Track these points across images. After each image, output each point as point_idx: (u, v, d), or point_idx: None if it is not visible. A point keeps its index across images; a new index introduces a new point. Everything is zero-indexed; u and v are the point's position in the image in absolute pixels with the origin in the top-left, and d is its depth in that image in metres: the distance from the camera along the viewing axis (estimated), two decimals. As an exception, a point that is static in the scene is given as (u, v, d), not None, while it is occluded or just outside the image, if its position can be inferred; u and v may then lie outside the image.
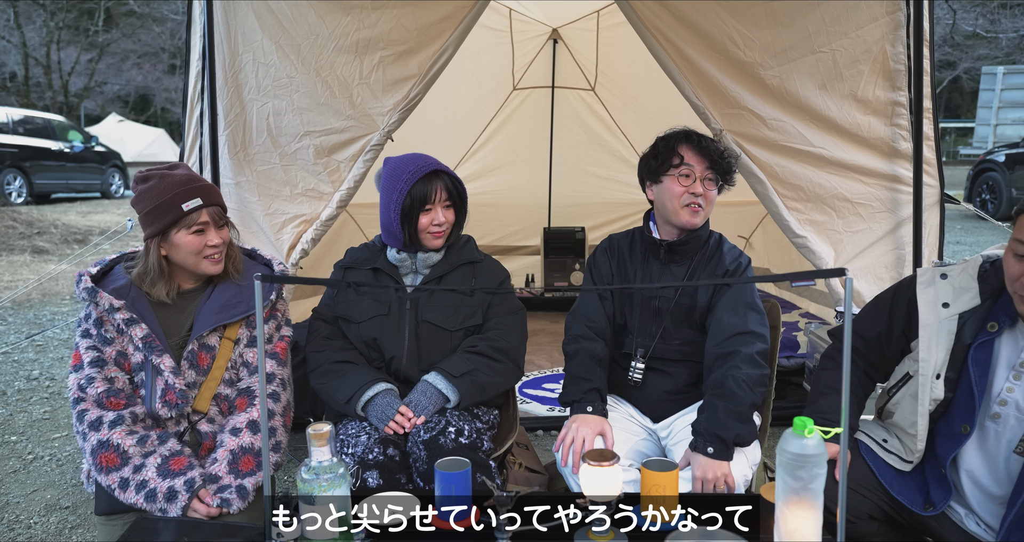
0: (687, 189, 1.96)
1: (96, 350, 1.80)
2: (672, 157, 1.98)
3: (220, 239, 1.86)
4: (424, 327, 2.07)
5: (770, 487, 1.47)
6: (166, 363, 1.80)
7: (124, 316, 1.79)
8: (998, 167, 10.40)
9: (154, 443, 1.75)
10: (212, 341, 1.88)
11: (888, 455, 1.75)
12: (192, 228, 1.82)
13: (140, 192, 1.84)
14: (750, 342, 1.90)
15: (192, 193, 1.81)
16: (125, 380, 1.82)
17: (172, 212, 1.79)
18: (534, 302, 5.30)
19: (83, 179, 13.37)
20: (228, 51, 2.90)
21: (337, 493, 1.30)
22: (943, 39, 19.59)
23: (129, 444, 1.72)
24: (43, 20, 21.20)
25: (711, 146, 1.98)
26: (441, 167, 2.05)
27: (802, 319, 4.21)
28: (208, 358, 1.87)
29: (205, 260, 1.86)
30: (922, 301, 1.67)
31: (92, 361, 1.79)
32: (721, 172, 1.99)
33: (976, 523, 1.62)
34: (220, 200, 1.89)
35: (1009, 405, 1.56)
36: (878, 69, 2.79)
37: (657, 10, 2.76)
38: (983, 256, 1.67)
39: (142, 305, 1.84)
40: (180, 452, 1.76)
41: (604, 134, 5.35)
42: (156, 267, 1.84)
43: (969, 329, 1.61)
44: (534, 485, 2.33)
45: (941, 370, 1.62)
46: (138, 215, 1.85)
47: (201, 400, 1.87)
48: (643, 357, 2.05)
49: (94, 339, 1.81)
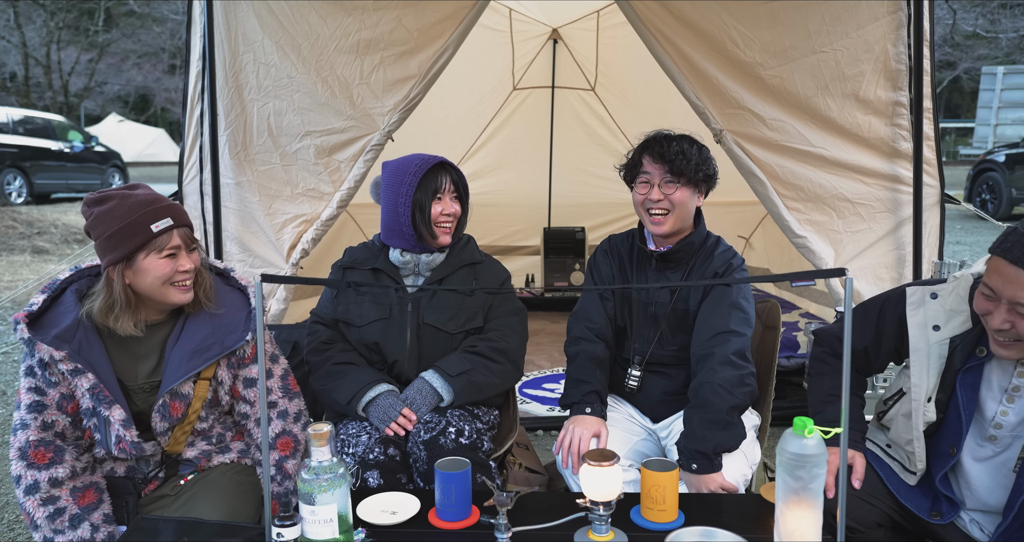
0: (646, 196, 1.96)
1: (37, 393, 1.61)
2: (636, 166, 1.99)
3: (192, 264, 1.66)
4: (425, 330, 2.06)
5: (770, 487, 1.47)
6: (116, 415, 1.61)
7: (68, 367, 1.58)
8: (998, 167, 10.40)
9: (64, 524, 1.60)
10: (185, 389, 1.69)
11: (892, 462, 1.75)
12: (163, 252, 1.62)
13: (98, 214, 1.61)
14: (727, 342, 1.89)
15: (161, 213, 1.62)
16: (66, 424, 1.64)
17: (140, 234, 1.59)
18: (534, 302, 5.30)
19: (83, 179, 13.36)
20: (228, 51, 2.90)
21: (337, 493, 1.30)
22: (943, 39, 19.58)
23: (40, 516, 1.59)
24: (43, 20, 21.18)
25: (667, 149, 1.92)
26: (446, 160, 2.07)
27: (802, 319, 4.21)
28: (182, 406, 1.69)
29: (173, 288, 1.65)
30: (912, 324, 1.63)
31: (30, 406, 1.61)
32: (679, 173, 1.92)
33: (980, 529, 1.63)
34: (189, 221, 1.69)
35: (1004, 428, 1.56)
36: (879, 69, 2.79)
37: (657, 10, 2.76)
38: (972, 274, 1.62)
39: (91, 349, 1.62)
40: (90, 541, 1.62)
41: (604, 134, 5.35)
42: (122, 298, 1.61)
43: (960, 354, 1.58)
44: (534, 485, 2.33)
45: (932, 394, 1.61)
46: (95, 241, 1.63)
47: (176, 443, 1.74)
48: (640, 364, 2.06)
49: (37, 379, 1.61)
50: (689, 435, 1.81)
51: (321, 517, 1.29)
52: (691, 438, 1.80)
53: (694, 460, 1.77)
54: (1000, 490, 1.58)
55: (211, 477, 1.76)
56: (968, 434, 1.59)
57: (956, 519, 1.65)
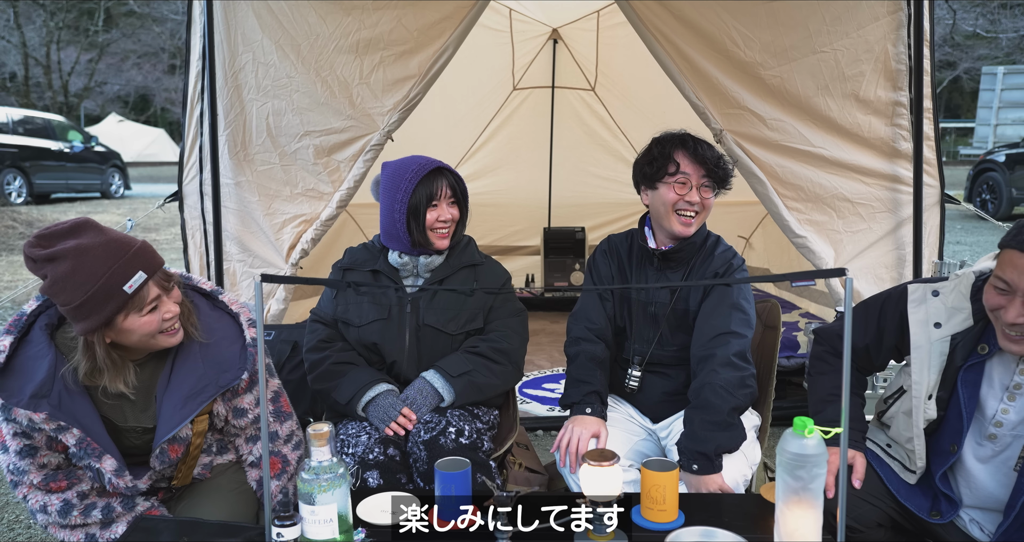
0: (682, 197, 1.93)
1: (25, 437, 1.49)
2: (668, 164, 1.94)
3: (175, 305, 1.53)
4: (425, 331, 2.06)
5: (770, 487, 1.47)
6: (107, 466, 1.52)
7: (51, 426, 1.46)
8: (998, 167, 10.40)
9: (118, 512, 1.60)
10: (183, 432, 1.59)
11: (892, 461, 1.75)
12: (144, 309, 1.46)
13: (55, 280, 1.41)
14: (727, 343, 1.88)
15: (129, 267, 1.43)
16: (60, 460, 1.56)
17: (114, 299, 1.41)
18: (534, 302, 5.30)
19: (83, 179, 13.37)
20: (228, 51, 2.90)
21: (337, 493, 1.30)
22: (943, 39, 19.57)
23: (92, 522, 1.58)
24: (43, 20, 21.18)
25: (707, 152, 1.94)
26: (444, 165, 2.05)
27: (802, 319, 4.20)
28: (182, 447, 1.62)
29: (162, 335, 1.52)
30: (913, 321, 1.63)
31: (21, 451, 1.50)
32: (718, 179, 1.95)
33: (980, 529, 1.63)
34: (159, 260, 1.50)
35: (1005, 426, 1.55)
36: (880, 69, 2.79)
37: (657, 10, 2.76)
38: (974, 272, 1.61)
39: (73, 400, 1.48)
40: (151, 507, 1.63)
41: (604, 134, 5.35)
42: (105, 361, 1.48)
43: (961, 351, 1.58)
44: (534, 485, 2.33)
45: (933, 391, 1.61)
46: (60, 308, 1.45)
47: (182, 477, 1.71)
48: (639, 365, 2.05)
49: (20, 425, 1.48)
50: (690, 436, 1.81)
51: (321, 517, 1.29)
52: (692, 439, 1.80)
53: (695, 461, 1.77)
54: (1000, 489, 1.58)
55: (211, 477, 1.76)
56: (968, 432, 1.59)
57: (956, 519, 1.65)
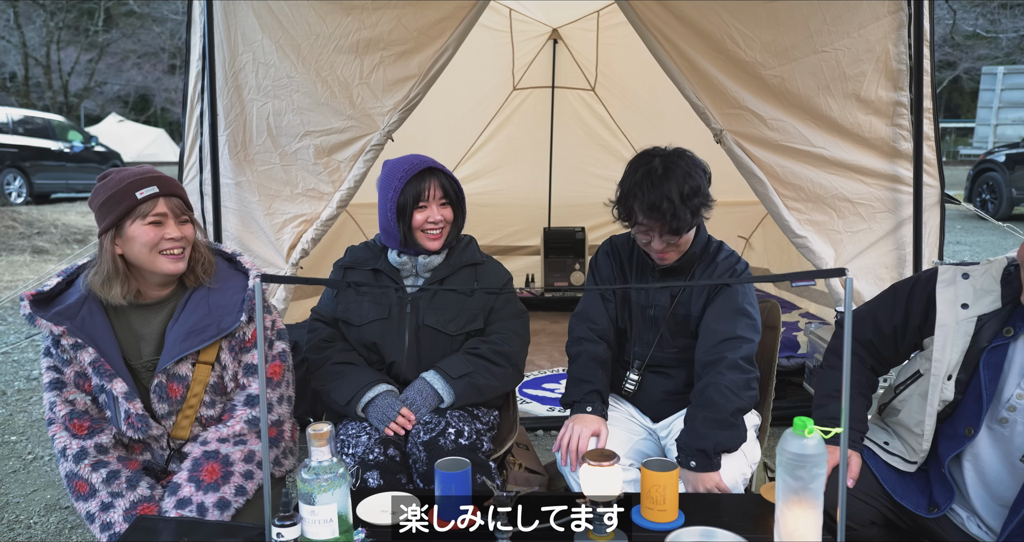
0: (647, 244, 1.94)
1: (55, 371, 1.69)
2: (630, 214, 1.91)
3: (180, 233, 1.67)
4: (425, 331, 2.05)
5: (770, 487, 1.47)
6: (117, 388, 1.65)
7: (69, 342, 1.64)
8: (998, 167, 10.40)
9: (122, 485, 1.64)
10: (183, 370, 1.70)
11: (891, 457, 1.75)
12: (148, 218, 1.64)
13: (96, 188, 1.69)
14: (736, 347, 1.88)
15: (147, 182, 1.65)
16: (87, 402, 1.69)
17: (125, 200, 1.63)
18: (534, 302, 5.29)
19: (83, 179, 13.35)
20: (228, 51, 2.90)
21: (337, 493, 1.29)
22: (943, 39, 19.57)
23: (97, 480, 1.63)
24: (43, 20, 21.17)
25: (664, 207, 1.81)
26: (436, 165, 2.04)
27: (802, 319, 4.21)
28: (180, 388, 1.71)
29: (163, 256, 1.66)
30: (941, 300, 1.63)
31: (51, 383, 1.68)
32: (677, 230, 1.85)
33: (978, 526, 1.63)
34: (182, 193, 1.72)
35: (1018, 411, 1.55)
36: (880, 69, 2.78)
37: (657, 10, 2.76)
38: (1007, 258, 1.62)
39: (94, 323, 1.67)
40: (150, 498, 1.65)
41: (604, 134, 5.34)
42: (111, 266, 1.65)
43: (987, 332, 1.58)
44: (534, 485, 2.33)
45: (953, 372, 1.60)
46: (94, 213, 1.70)
47: (179, 429, 1.74)
48: (639, 368, 2.06)
49: (54, 359, 1.68)
50: (691, 432, 1.81)
51: (321, 517, 1.29)
52: (692, 435, 1.80)
53: (693, 457, 1.77)
54: (1008, 476, 1.57)
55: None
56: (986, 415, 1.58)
57: (952, 515, 1.65)
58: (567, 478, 1.95)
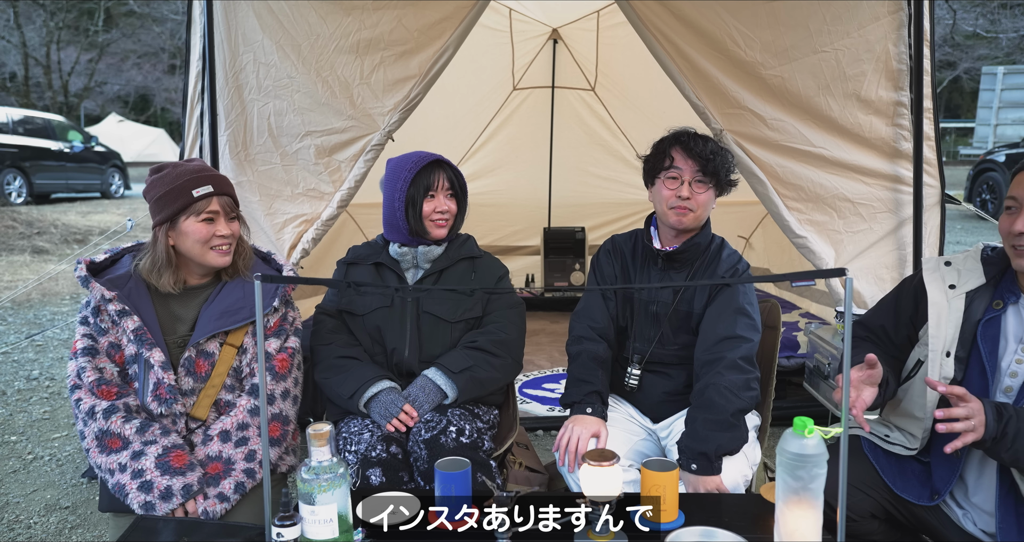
0: (674, 192, 1.94)
1: (90, 339, 1.78)
2: (663, 159, 1.97)
3: (230, 230, 1.82)
4: (425, 318, 2.10)
5: (770, 487, 1.47)
6: (155, 357, 1.75)
7: (116, 308, 1.75)
8: (998, 167, 10.40)
9: (155, 433, 1.70)
10: (211, 347, 1.82)
11: (891, 446, 1.76)
12: (201, 215, 1.77)
13: (152, 181, 1.81)
14: (735, 347, 1.89)
15: (203, 180, 1.78)
16: (114, 372, 1.77)
17: (182, 198, 1.76)
18: (534, 302, 5.30)
19: (83, 179, 13.37)
20: (228, 51, 2.90)
21: (337, 493, 1.30)
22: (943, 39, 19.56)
23: (129, 431, 1.69)
24: (43, 20, 21.15)
25: (702, 148, 1.93)
26: (442, 158, 2.11)
27: (802, 319, 4.21)
28: (207, 365, 1.81)
29: (212, 251, 1.80)
30: (928, 281, 1.73)
31: (84, 349, 1.76)
32: (712, 173, 1.94)
33: (973, 523, 1.64)
34: (232, 191, 1.85)
35: (1019, 377, 1.60)
36: (881, 69, 2.79)
37: (657, 10, 2.76)
38: (983, 244, 1.76)
39: (139, 297, 1.80)
40: (182, 446, 1.71)
41: (604, 134, 5.35)
42: (164, 256, 1.78)
43: (978, 306, 1.67)
44: (534, 485, 2.33)
45: (951, 347, 1.66)
46: (149, 205, 1.82)
47: (199, 407, 1.81)
48: (639, 363, 2.06)
49: (90, 327, 1.78)
50: (691, 435, 1.81)
51: (321, 517, 1.29)
52: (693, 438, 1.80)
53: (694, 460, 1.76)
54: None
55: None
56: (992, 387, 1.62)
57: (949, 511, 1.67)
58: (567, 479, 1.95)
